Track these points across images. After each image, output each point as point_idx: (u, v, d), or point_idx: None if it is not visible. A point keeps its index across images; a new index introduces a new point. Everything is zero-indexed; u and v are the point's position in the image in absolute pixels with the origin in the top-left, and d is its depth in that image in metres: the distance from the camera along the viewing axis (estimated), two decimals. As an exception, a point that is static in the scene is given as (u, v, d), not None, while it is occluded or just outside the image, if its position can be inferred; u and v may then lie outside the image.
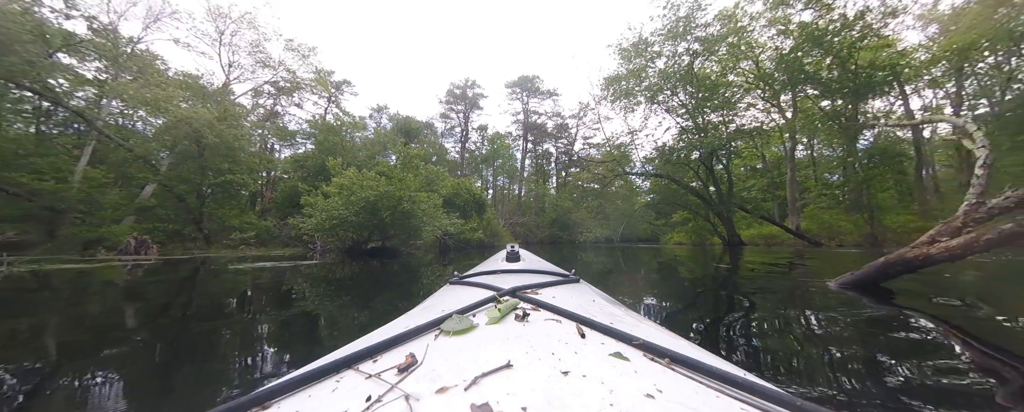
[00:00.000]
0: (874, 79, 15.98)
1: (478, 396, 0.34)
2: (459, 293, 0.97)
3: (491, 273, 1.31)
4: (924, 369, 1.24)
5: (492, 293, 0.81)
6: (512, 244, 2.11)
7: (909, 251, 2.16)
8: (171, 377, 1.36)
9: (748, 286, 3.25)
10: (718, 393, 0.38)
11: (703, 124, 18.69)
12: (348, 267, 5.63)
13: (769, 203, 23.65)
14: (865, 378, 1.15)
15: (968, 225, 1.98)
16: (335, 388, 0.42)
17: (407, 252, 9.34)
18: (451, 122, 39.85)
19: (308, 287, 3.60)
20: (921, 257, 2.07)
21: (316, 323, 2.07)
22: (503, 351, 0.46)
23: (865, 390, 1.07)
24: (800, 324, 1.81)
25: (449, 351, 0.49)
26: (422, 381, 0.39)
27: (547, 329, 0.56)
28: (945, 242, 1.96)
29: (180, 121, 12.29)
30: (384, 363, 0.47)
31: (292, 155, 21.20)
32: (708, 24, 17.43)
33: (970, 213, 1.99)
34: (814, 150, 24.53)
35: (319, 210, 8.47)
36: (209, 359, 1.54)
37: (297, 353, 1.58)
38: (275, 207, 17.91)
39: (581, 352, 0.46)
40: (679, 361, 0.45)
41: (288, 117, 24.90)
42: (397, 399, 0.36)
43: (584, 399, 0.33)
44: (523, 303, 0.72)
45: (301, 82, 22.69)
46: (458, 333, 0.56)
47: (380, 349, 0.52)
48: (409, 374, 0.42)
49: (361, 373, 0.45)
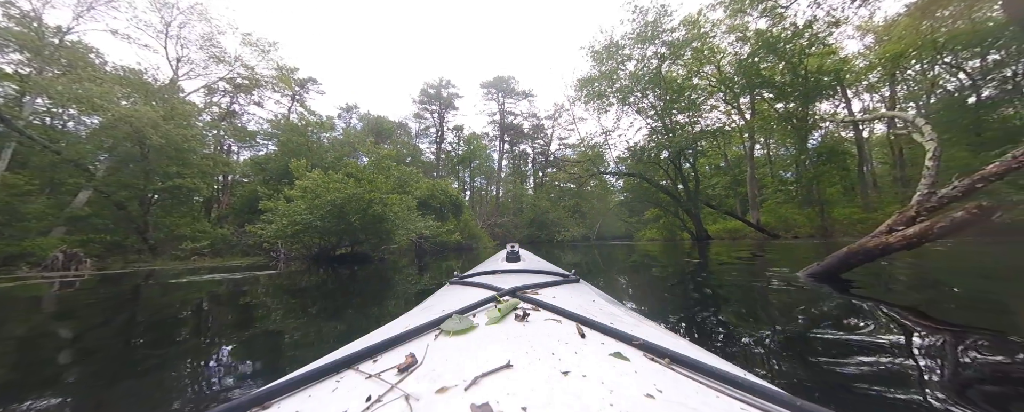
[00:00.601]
0: (821, 83, 17.40)
1: (478, 396, 0.34)
2: (459, 293, 0.97)
3: (491, 273, 1.30)
4: (904, 361, 1.26)
5: (492, 293, 0.81)
6: (512, 244, 2.10)
7: (869, 241, 2.27)
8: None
9: (722, 280, 3.32)
10: (718, 393, 0.38)
11: (671, 125, 19.53)
12: (314, 275, 5.27)
13: (731, 199, 25.06)
14: (854, 374, 1.14)
15: (921, 214, 2.11)
16: (335, 388, 0.42)
17: (379, 257, 8.87)
18: (425, 122, 39.04)
19: (266, 300, 3.29)
20: (881, 246, 2.18)
21: (268, 345, 1.84)
22: (503, 351, 0.46)
23: (857, 387, 1.06)
24: (776, 316, 1.83)
25: (449, 351, 0.49)
26: (422, 381, 0.39)
27: (547, 329, 0.56)
28: (902, 231, 2.08)
29: (119, 120, 11.10)
30: (384, 363, 0.47)
31: (252, 157, 19.83)
32: (674, 29, 18.23)
33: (923, 203, 2.13)
34: (770, 149, 26.28)
35: (280, 215, 7.86)
36: (136, 393, 1.30)
37: (246, 383, 1.37)
38: (233, 213, 16.67)
39: (581, 352, 0.46)
40: (679, 361, 0.45)
41: (247, 117, 23.29)
42: (397, 399, 0.36)
43: (584, 399, 0.33)
44: (523, 303, 0.72)
45: (261, 79, 21.33)
46: (458, 333, 0.56)
47: (380, 349, 0.52)
48: (409, 374, 0.42)
49: (361, 373, 0.45)
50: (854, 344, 1.39)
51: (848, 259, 2.36)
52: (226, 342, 1.85)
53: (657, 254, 8.19)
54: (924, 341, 1.39)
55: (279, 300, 3.21)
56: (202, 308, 2.96)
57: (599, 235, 31.70)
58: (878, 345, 1.36)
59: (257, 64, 20.74)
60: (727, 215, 20.29)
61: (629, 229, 32.76)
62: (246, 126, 22.62)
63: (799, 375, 1.15)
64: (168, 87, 16.38)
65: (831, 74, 17.59)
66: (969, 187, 1.96)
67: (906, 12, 15.22)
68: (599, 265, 5.92)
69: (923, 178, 2.27)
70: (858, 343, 1.40)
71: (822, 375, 1.13)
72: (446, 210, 17.30)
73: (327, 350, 0.63)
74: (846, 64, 18.80)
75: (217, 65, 19.72)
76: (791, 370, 1.19)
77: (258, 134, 22.13)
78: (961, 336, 1.40)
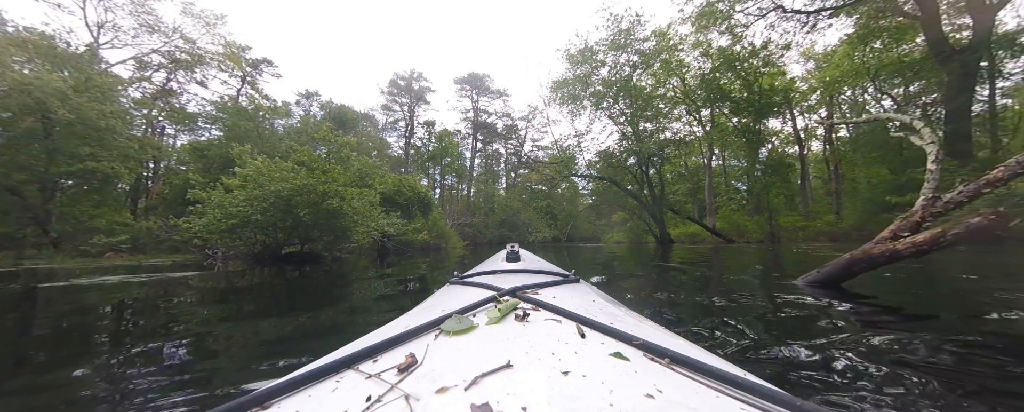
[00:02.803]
0: (772, 101, 18.96)
1: (478, 396, 0.34)
2: (459, 293, 0.96)
3: (491, 273, 1.29)
4: (901, 363, 1.17)
5: (492, 293, 0.80)
6: (512, 244, 2.00)
7: (874, 247, 2.23)
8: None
9: (714, 285, 3.22)
10: (718, 393, 0.38)
11: (639, 132, 20.27)
12: (255, 276, 4.53)
13: (690, 205, 26.60)
14: (856, 377, 1.11)
15: (926, 219, 2.11)
16: (335, 388, 0.42)
17: (333, 257, 8.00)
18: (394, 115, 37.29)
19: (185, 308, 2.66)
20: (887, 253, 2.14)
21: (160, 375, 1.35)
22: (503, 351, 0.45)
23: (859, 388, 1.03)
24: (778, 324, 1.69)
25: (449, 351, 0.49)
26: (422, 381, 0.39)
27: (547, 329, 0.56)
28: (911, 237, 2.05)
29: (14, 89, 9.21)
30: (384, 363, 0.47)
31: (191, 142, 17.55)
32: (646, 39, 18.92)
33: (928, 208, 2.12)
34: (725, 160, 28.27)
35: (213, 206, 6.77)
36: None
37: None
38: (164, 204, 14.62)
39: (581, 352, 0.46)
40: (679, 361, 0.45)
41: (187, 97, 20.62)
42: (397, 399, 0.36)
43: (584, 399, 0.33)
44: (523, 303, 0.71)
45: (205, 56, 19.02)
46: (458, 333, 0.55)
47: (380, 349, 0.51)
48: (409, 374, 0.42)
49: (361, 373, 0.45)
50: (847, 350, 1.33)
51: (851, 267, 2.31)
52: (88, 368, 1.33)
53: (625, 256, 8.24)
54: (921, 348, 1.35)
55: (210, 309, 2.60)
56: (93, 320, 2.30)
57: (569, 237, 32.24)
58: (874, 350, 1.32)
59: (200, 38, 18.46)
60: (688, 220, 21.39)
61: (596, 232, 33.69)
62: (185, 107, 20.05)
63: (794, 375, 1.14)
64: (84, 55, 13.97)
65: (781, 93, 19.24)
66: (975, 192, 1.96)
67: (843, 42, 16.96)
68: (581, 270, 5.74)
69: (926, 182, 2.27)
70: (852, 349, 1.34)
71: (816, 380, 1.09)
72: (413, 207, 16.46)
73: (325, 351, 0.59)
74: (792, 85, 20.67)
75: (150, 35, 17.28)
76: (784, 372, 1.18)
77: (199, 117, 19.71)
78: (961, 342, 1.30)
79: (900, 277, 3.12)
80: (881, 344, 1.41)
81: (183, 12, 17.73)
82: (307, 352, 1.48)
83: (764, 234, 18.16)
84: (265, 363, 1.41)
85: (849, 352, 1.33)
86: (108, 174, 11.44)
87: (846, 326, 1.65)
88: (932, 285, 2.84)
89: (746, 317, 1.86)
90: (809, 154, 25.64)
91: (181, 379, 1.26)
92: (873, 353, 1.31)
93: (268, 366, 1.37)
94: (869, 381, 1.08)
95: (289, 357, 1.44)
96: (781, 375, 1.17)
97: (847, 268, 2.35)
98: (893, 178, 14.20)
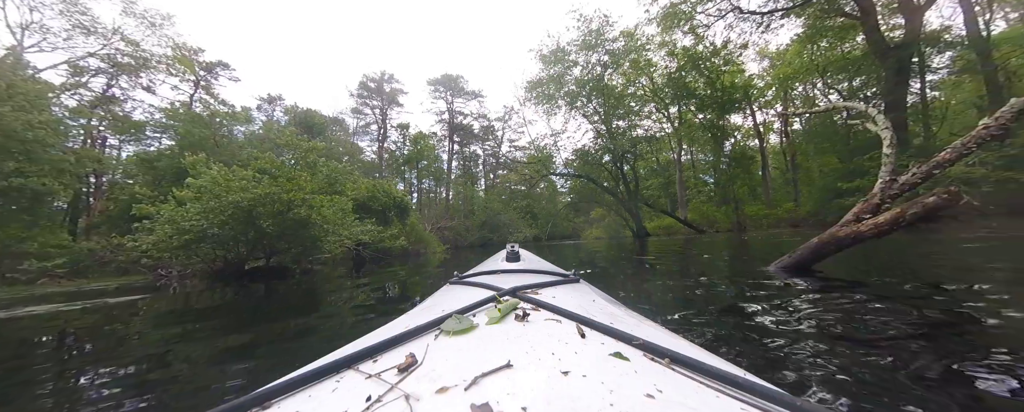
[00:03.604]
0: (733, 98, 20.02)
1: (478, 396, 0.34)
2: (459, 293, 0.96)
3: (491, 273, 1.28)
4: (894, 354, 1.19)
5: (492, 293, 0.80)
6: (512, 244, 1.98)
7: (839, 230, 2.33)
8: None
9: (691, 277, 3.28)
10: (718, 393, 0.38)
11: (613, 130, 20.78)
12: (215, 296, 4.16)
13: (663, 199, 27.59)
14: (843, 368, 1.10)
15: (886, 201, 2.23)
16: (335, 388, 0.42)
17: (302, 270, 7.50)
18: (365, 118, 36.03)
19: (114, 338, 2.37)
20: (852, 235, 2.24)
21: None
22: (503, 351, 0.45)
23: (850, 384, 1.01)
24: (757, 312, 1.72)
25: (449, 351, 0.49)
26: (422, 381, 0.39)
27: (547, 329, 0.56)
28: (872, 219, 2.16)
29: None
30: (384, 363, 0.47)
31: (138, 153, 16.12)
32: (615, 39, 19.42)
33: (886, 190, 2.24)
34: (694, 155, 29.54)
35: (163, 222, 6.17)
36: None
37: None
38: (109, 222, 13.33)
39: (581, 352, 0.46)
40: (679, 361, 0.45)
41: (133, 104, 18.94)
42: (397, 399, 0.36)
43: (584, 399, 0.33)
44: (523, 303, 0.70)
45: (151, 59, 17.58)
46: (458, 333, 0.55)
47: (380, 349, 0.51)
48: (409, 374, 0.42)
49: (361, 373, 0.45)
50: (825, 335, 1.36)
51: (820, 249, 2.41)
52: None
53: (605, 251, 8.35)
54: (890, 321, 1.41)
55: (120, 338, 2.33)
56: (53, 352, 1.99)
57: (549, 235, 32.51)
58: (845, 328, 1.37)
59: (144, 39, 17.06)
60: (662, 213, 22.12)
61: (576, 229, 34.21)
62: (130, 115, 18.41)
63: (775, 358, 1.14)
64: (5, 60, 12.53)
65: (740, 90, 20.37)
66: (927, 173, 2.10)
67: (794, 41, 18.17)
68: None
69: (883, 166, 2.40)
70: (828, 334, 1.37)
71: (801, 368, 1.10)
72: (389, 213, 15.96)
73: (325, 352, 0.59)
74: (751, 82, 21.93)
75: (86, 37, 15.74)
76: (765, 359, 1.18)
77: (147, 125, 18.18)
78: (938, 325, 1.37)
79: (863, 255, 3.31)
80: (849, 320, 1.48)
81: (124, 12, 16.31)
82: (246, 377, 1.33)
83: (732, 223, 19.11)
84: (206, 393, 1.24)
85: (821, 331, 1.38)
86: (39, 191, 10.28)
87: (817, 306, 1.72)
88: (893, 262, 3.03)
89: (724, 306, 1.89)
90: (768, 146, 27.29)
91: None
92: (844, 331, 1.38)
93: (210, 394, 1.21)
94: (836, 357, 1.15)
95: (237, 378, 1.28)
96: (768, 363, 1.16)
97: (816, 251, 2.45)
98: (842, 166, 15.38)
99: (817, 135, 19.84)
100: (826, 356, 1.18)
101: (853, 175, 11.62)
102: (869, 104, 14.88)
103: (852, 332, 1.39)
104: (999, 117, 1.90)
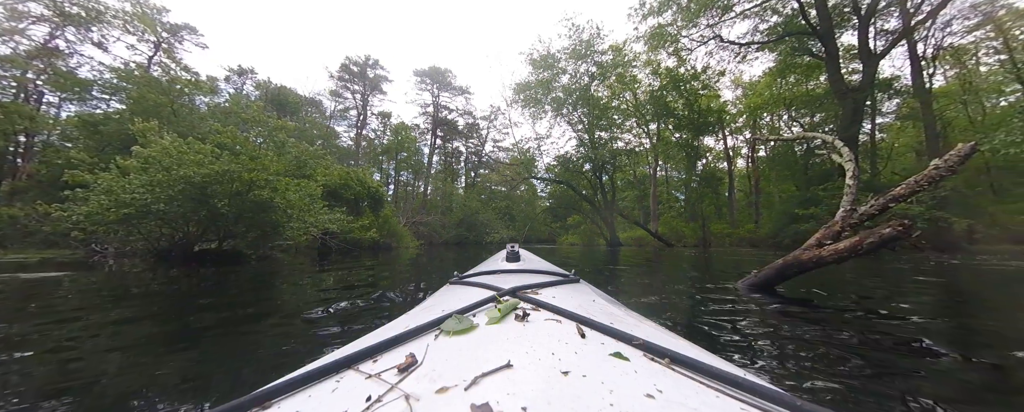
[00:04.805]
0: (708, 121, 21.12)
1: (478, 396, 0.34)
2: (459, 293, 0.96)
3: (491, 273, 1.29)
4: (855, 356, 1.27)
5: (492, 293, 0.80)
6: (512, 244, 1.98)
7: (802, 253, 2.47)
8: None
9: (663, 291, 3.35)
10: (718, 393, 0.38)
11: (595, 140, 21.27)
12: (154, 280, 3.76)
13: (637, 211, 28.54)
14: (797, 362, 1.15)
15: (845, 229, 2.38)
16: (335, 388, 0.42)
17: (259, 256, 6.98)
18: (345, 103, 34.57)
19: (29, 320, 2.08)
20: (814, 259, 2.38)
21: None
22: (503, 351, 0.46)
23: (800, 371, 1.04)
24: (728, 327, 1.78)
25: (449, 351, 0.49)
26: (422, 381, 0.40)
27: (547, 329, 0.56)
28: (833, 245, 2.30)
29: None
30: (384, 363, 0.47)
31: (81, 114, 14.51)
32: (604, 52, 19.92)
33: (846, 218, 2.40)
34: (668, 171, 30.83)
35: (101, 192, 5.53)
36: None
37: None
38: (38, 188, 11.89)
39: (581, 352, 0.46)
40: (679, 361, 0.45)
41: (79, 60, 17.05)
42: (397, 399, 0.36)
43: (584, 399, 0.33)
44: (523, 303, 0.70)
45: (105, 12, 15.96)
46: (458, 333, 0.55)
47: (380, 349, 0.51)
48: (409, 374, 0.42)
49: (361, 373, 0.45)
50: (787, 343, 1.41)
51: (784, 271, 2.54)
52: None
53: (578, 257, 8.47)
54: (846, 338, 1.50)
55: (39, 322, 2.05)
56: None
57: (526, 238, 32.64)
58: (809, 342, 1.42)
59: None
60: (635, 224, 22.81)
61: (552, 233, 34.58)
62: (75, 72, 16.59)
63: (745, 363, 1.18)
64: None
65: (715, 114, 21.53)
66: (883, 206, 2.26)
67: (766, 74, 19.48)
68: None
69: (846, 195, 2.57)
70: (792, 342, 1.42)
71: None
72: (362, 203, 15.37)
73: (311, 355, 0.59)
74: (725, 107, 23.23)
75: (27, -21, 14.05)
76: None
77: (94, 84, 16.43)
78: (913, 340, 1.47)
79: (826, 279, 3.53)
80: (813, 337, 1.60)
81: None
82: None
83: (698, 239, 20.05)
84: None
85: (788, 344, 1.47)
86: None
87: (776, 320, 1.82)
88: (850, 285, 3.26)
89: (691, 319, 1.93)
90: (736, 169, 29.00)
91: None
92: (808, 344, 1.50)
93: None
94: (801, 363, 1.25)
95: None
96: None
97: (780, 272, 2.57)
98: (799, 194, 16.60)
99: (779, 163, 21.27)
100: (784, 361, 1.23)
101: (808, 203, 12.52)
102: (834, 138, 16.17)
103: (805, 345, 1.49)
104: (948, 159, 2.09)
